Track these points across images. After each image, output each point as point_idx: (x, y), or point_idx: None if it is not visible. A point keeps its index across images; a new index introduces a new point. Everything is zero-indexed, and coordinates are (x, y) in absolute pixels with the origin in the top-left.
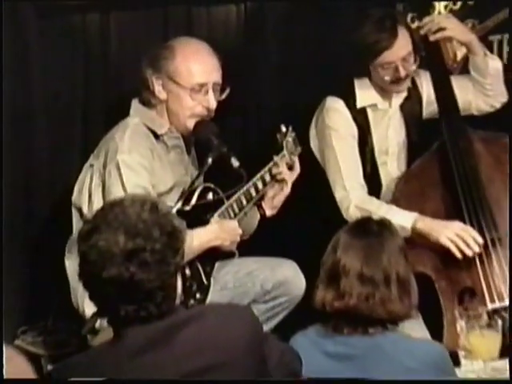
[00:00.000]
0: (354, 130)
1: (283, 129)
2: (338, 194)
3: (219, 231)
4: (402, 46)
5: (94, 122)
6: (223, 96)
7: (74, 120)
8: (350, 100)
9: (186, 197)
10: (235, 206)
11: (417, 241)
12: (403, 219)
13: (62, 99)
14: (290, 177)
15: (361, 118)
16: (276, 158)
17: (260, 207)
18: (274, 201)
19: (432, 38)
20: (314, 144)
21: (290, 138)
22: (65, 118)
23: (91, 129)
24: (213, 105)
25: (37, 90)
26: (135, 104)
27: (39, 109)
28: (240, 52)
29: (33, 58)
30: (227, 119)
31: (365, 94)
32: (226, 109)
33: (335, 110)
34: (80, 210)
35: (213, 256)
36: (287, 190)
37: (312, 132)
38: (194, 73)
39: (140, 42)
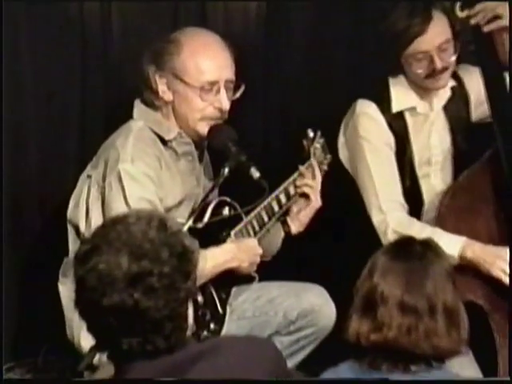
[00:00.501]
0: (389, 138)
1: (310, 134)
2: (375, 217)
3: (236, 251)
4: (438, 32)
5: (93, 127)
6: (237, 95)
7: (69, 124)
8: (384, 103)
9: (198, 212)
10: (255, 223)
11: (466, 266)
12: (449, 245)
13: (56, 100)
14: (317, 188)
15: (398, 125)
16: (302, 168)
17: (285, 223)
18: (300, 216)
19: (486, 28)
20: (343, 154)
21: (318, 145)
22: (58, 122)
23: (89, 134)
24: (226, 105)
25: (27, 89)
26: (138, 105)
27: (29, 111)
28: (260, 47)
29: (22, 53)
30: (246, 123)
31: (401, 96)
32: (244, 112)
33: (367, 115)
34: (76, 228)
35: (229, 280)
36: (315, 203)
37: (341, 140)
38: (204, 69)
39: (146, 35)
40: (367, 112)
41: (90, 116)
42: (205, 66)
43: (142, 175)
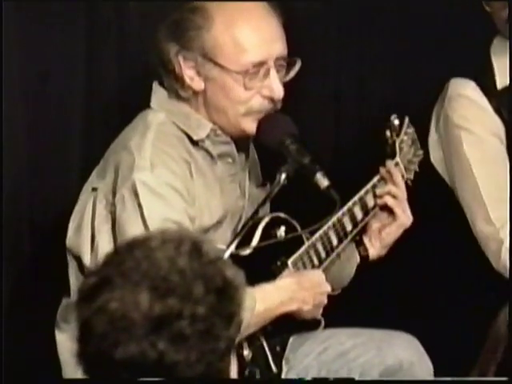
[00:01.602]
0: (497, 126)
1: (395, 122)
2: (480, 230)
3: (296, 289)
4: None
5: (100, 123)
6: (291, 74)
7: (69, 118)
8: (485, 79)
9: (244, 234)
10: (320, 247)
11: None
12: None
13: (51, 87)
14: (403, 198)
15: (506, 106)
16: (383, 170)
17: (360, 245)
18: (382, 235)
19: None
20: (436, 156)
21: (405, 137)
22: (57, 118)
23: (95, 133)
24: (279, 92)
25: (18, 73)
26: (158, 90)
27: (19, 99)
28: (326, 11)
29: (11, 33)
30: (309, 113)
31: (507, 68)
32: (306, 98)
33: (464, 98)
34: (78, 260)
35: (285, 327)
36: (404, 218)
37: (432, 137)
38: (246, 46)
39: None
40: (463, 94)
41: (97, 110)
42: (247, 42)
43: (165, 187)
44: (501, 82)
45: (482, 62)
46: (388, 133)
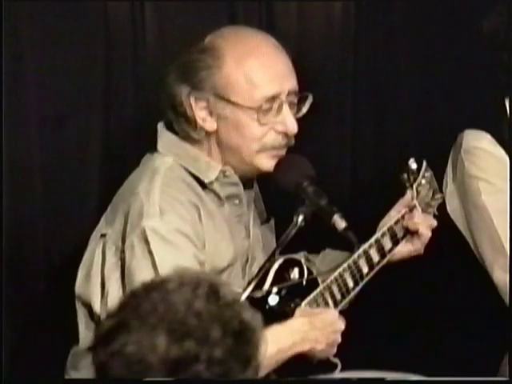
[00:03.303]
0: None
1: (413, 165)
2: (500, 279)
3: (308, 328)
4: None
5: (117, 161)
6: (304, 110)
7: (87, 157)
8: (501, 131)
9: (261, 276)
10: (335, 290)
11: None
12: None
13: (69, 124)
14: (424, 242)
15: None
16: (401, 213)
17: None
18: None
19: None
20: (451, 207)
21: (423, 180)
22: (72, 154)
23: (113, 170)
24: (292, 127)
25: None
26: (164, 133)
27: (34, 138)
28: (347, 59)
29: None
30: (326, 154)
31: None
32: (322, 138)
33: (479, 150)
34: (88, 307)
35: (300, 369)
36: (417, 246)
37: (449, 189)
38: (258, 82)
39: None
40: (479, 146)
41: (115, 145)
42: (259, 78)
43: (175, 234)
44: None
45: (495, 112)
46: (405, 176)
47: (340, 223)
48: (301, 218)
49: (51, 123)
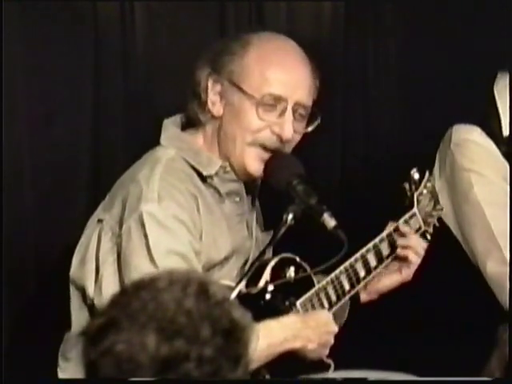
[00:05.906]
0: (506, 170)
1: (415, 175)
2: (494, 271)
3: (301, 326)
4: None
5: (108, 156)
6: (310, 128)
7: (77, 153)
8: (491, 125)
9: (252, 273)
10: (331, 291)
11: None
12: None
13: (59, 122)
14: (421, 253)
15: None
16: (401, 220)
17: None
18: (379, 284)
19: None
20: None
21: (424, 190)
22: (62, 150)
23: (104, 166)
24: (288, 133)
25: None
26: (169, 128)
27: (24, 135)
28: (337, 59)
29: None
30: (317, 154)
31: None
32: (314, 140)
33: (470, 142)
34: (82, 292)
35: (292, 368)
36: (407, 273)
37: (437, 185)
38: (270, 78)
39: (182, 38)
40: (470, 138)
41: (105, 141)
42: (272, 75)
43: (171, 219)
44: (506, 127)
45: (486, 107)
46: (407, 186)
47: (329, 221)
48: (290, 216)
49: (40, 122)
